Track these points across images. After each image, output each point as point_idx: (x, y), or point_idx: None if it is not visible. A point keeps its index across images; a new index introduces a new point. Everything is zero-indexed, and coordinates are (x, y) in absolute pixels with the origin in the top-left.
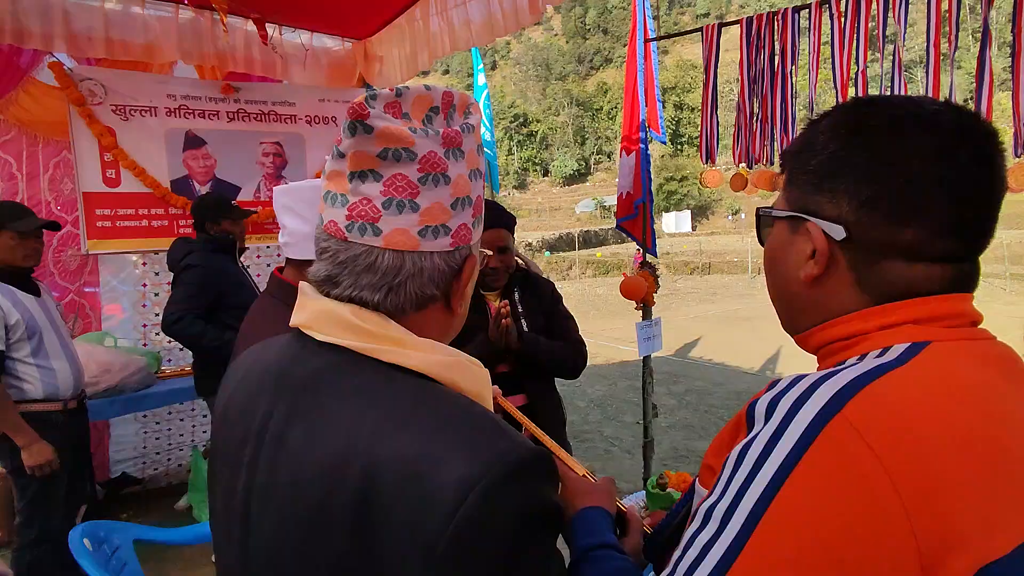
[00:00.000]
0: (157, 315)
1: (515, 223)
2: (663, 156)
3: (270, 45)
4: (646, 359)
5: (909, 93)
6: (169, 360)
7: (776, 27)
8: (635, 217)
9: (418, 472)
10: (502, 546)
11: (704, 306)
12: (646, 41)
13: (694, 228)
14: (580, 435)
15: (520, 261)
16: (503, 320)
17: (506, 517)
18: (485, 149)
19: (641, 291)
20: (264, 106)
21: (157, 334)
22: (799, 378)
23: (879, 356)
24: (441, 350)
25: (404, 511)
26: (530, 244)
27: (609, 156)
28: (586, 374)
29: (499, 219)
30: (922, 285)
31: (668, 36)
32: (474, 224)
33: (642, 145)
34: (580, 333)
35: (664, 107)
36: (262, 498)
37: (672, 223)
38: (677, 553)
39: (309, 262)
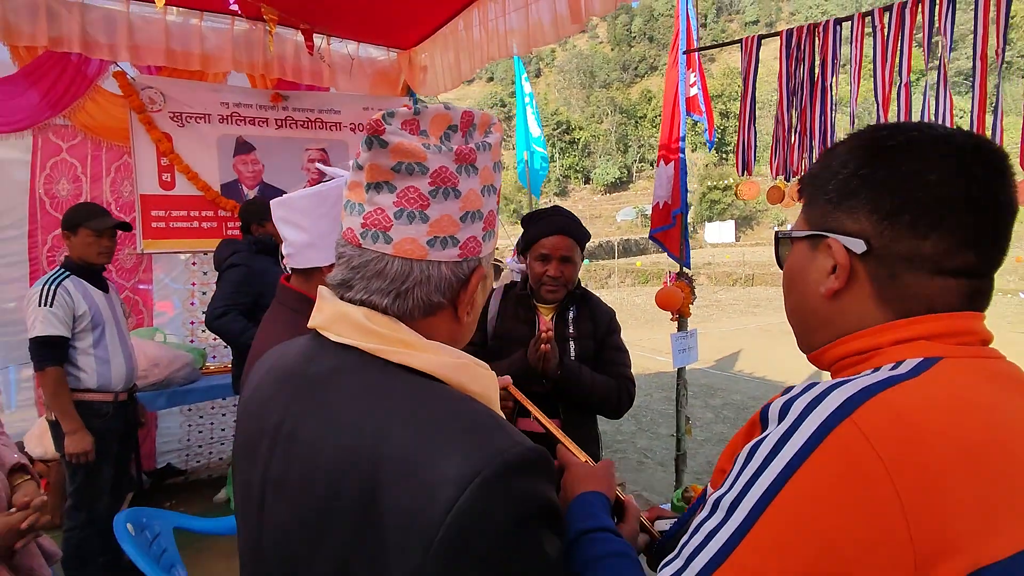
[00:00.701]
0: (204, 313)
1: (587, 239)
2: (707, 165)
3: (317, 55)
4: (680, 371)
5: (955, 105)
6: (214, 357)
7: (817, 39)
8: (671, 228)
9: (420, 466)
10: (498, 538)
11: (745, 319)
12: (685, 52)
13: (738, 239)
14: (613, 446)
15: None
16: (543, 345)
17: (502, 510)
18: (537, 147)
19: (677, 302)
20: (311, 114)
21: (203, 331)
22: (813, 384)
23: (892, 369)
24: (448, 352)
25: (406, 503)
26: None
27: (652, 164)
28: None
29: (567, 227)
30: (941, 299)
31: (706, 48)
32: (484, 238)
33: (681, 155)
34: (631, 369)
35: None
36: (275, 490)
37: (715, 233)
38: (685, 538)
39: (313, 269)
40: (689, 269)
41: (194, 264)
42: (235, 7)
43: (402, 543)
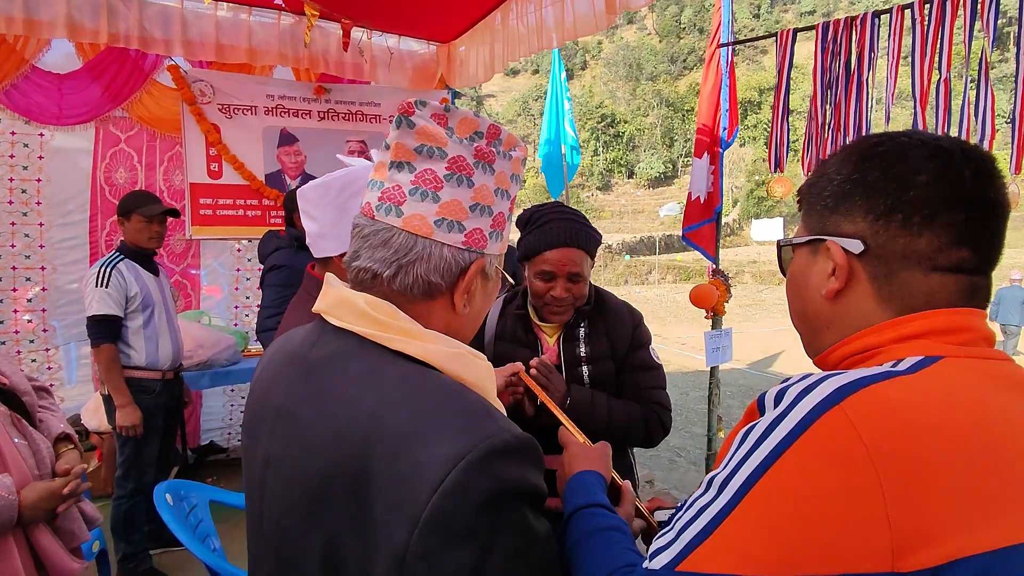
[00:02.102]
0: (247, 298)
1: (599, 244)
2: (755, 160)
3: (357, 49)
4: (713, 370)
5: (997, 104)
6: (256, 340)
7: (854, 32)
8: (708, 223)
9: (410, 448)
10: (479, 517)
11: (788, 319)
12: (718, 46)
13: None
14: None
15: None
16: (516, 391)
17: (484, 490)
18: (572, 147)
19: (711, 299)
20: (352, 106)
21: (247, 315)
22: (809, 375)
23: (893, 366)
24: (445, 341)
25: (396, 482)
26: (610, 247)
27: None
28: None
29: (576, 237)
30: (939, 295)
31: (741, 42)
32: (491, 235)
33: (721, 149)
34: (665, 389)
35: (760, 109)
36: (275, 468)
37: (762, 230)
38: (679, 514)
39: (327, 258)
40: (716, 265)
41: (239, 251)
42: (280, 1)
43: (390, 521)
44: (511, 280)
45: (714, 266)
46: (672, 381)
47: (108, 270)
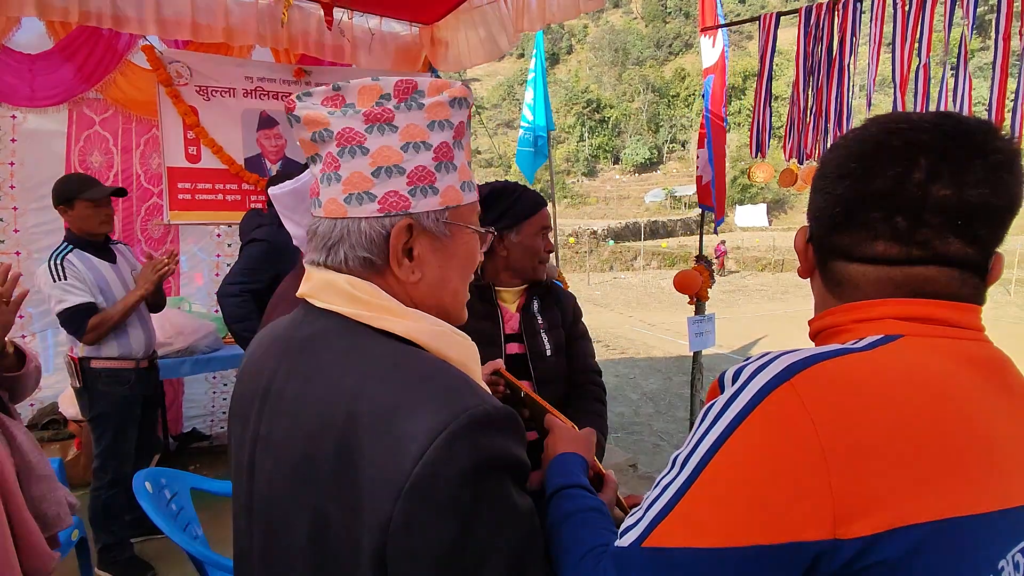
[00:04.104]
0: None
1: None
2: (739, 146)
3: (338, 30)
4: (696, 355)
5: (975, 91)
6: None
7: (836, 17)
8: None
9: (393, 422)
10: (460, 486)
11: (772, 304)
12: (705, 29)
13: (770, 223)
14: (630, 427)
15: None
16: (497, 389)
17: (464, 460)
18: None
19: (695, 285)
20: None
21: None
22: (767, 353)
23: (854, 344)
24: (428, 320)
25: (380, 455)
26: (595, 232)
27: (683, 145)
28: (641, 367)
29: (536, 199)
30: (866, 284)
31: (726, 25)
32: (413, 192)
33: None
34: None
35: (744, 95)
36: (263, 447)
37: (746, 217)
38: (648, 492)
39: None
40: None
41: (219, 236)
42: None
43: (375, 492)
44: (492, 231)
45: (723, 243)
46: (656, 366)
47: (59, 263)
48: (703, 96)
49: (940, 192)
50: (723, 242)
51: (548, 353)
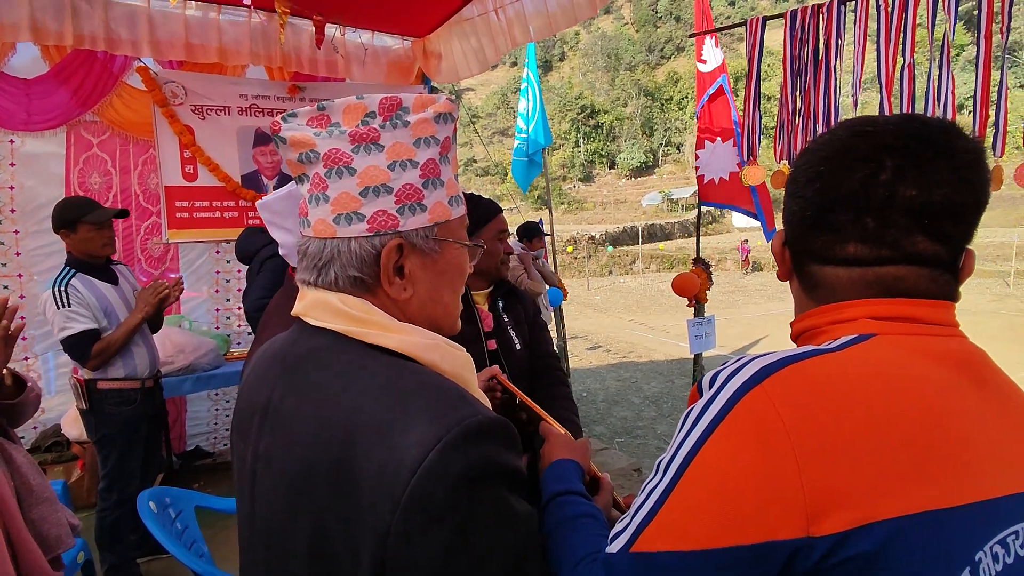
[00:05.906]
0: (228, 300)
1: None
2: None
3: (331, 45)
4: (697, 357)
5: (957, 88)
6: (238, 343)
7: (821, 20)
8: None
9: (390, 434)
10: (455, 496)
11: (772, 304)
12: (693, 35)
13: None
14: (632, 431)
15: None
16: (495, 395)
17: (459, 470)
18: (526, 139)
19: (693, 287)
20: None
21: (228, 318)
22: (743, 356)
23: (828, 345)
24: (421, 334)
25: (377, 467)
26: (593, 237)
27: (678, 148)
28: (643, 371)
29: (492, 206)
30: (840, 286)
31: (711, 31)
32: (402, 210)
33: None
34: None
35: (736, 95)
36: (263, 463)
37: (742, 217)
38: (637, 497)
39: None
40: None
41: (217, 253)
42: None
43: (373, 505)
44: (481, 245)
45: (745, 242)
46: (657, 369)
47: (63, 289)
48: (727, 99)
49: (906, 192)
50: (745, 240)
51: (517, 347)
